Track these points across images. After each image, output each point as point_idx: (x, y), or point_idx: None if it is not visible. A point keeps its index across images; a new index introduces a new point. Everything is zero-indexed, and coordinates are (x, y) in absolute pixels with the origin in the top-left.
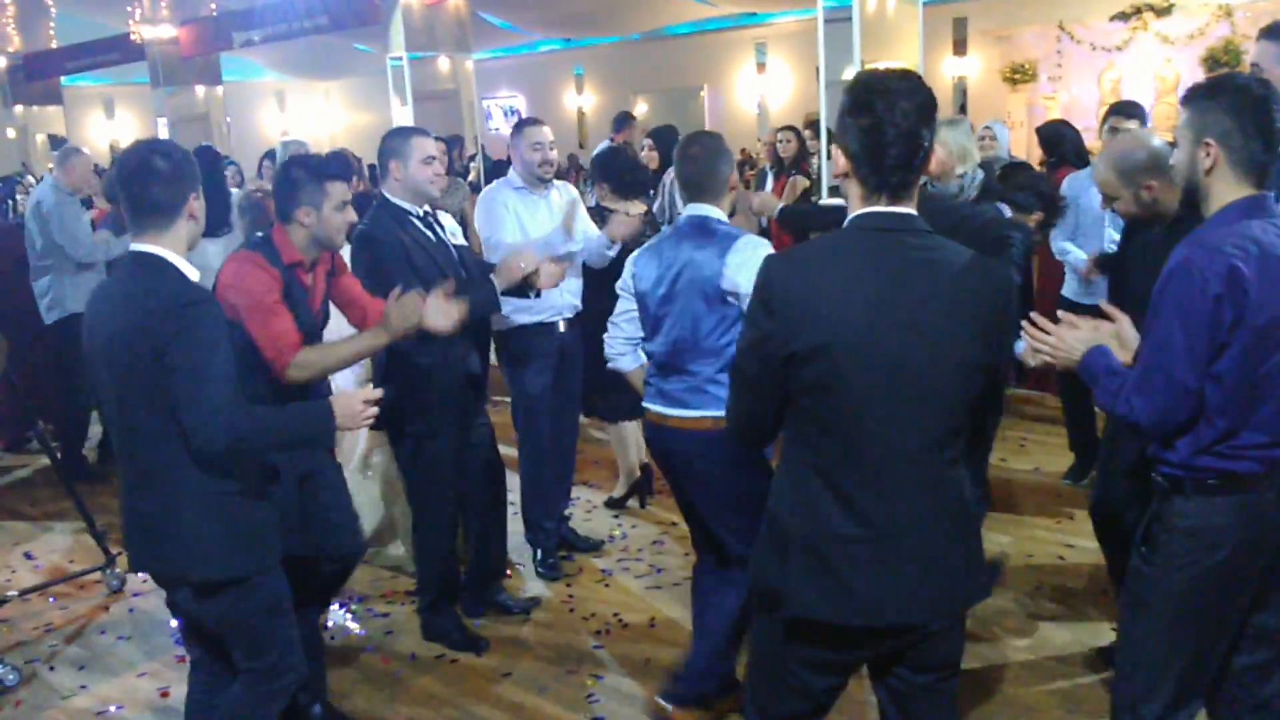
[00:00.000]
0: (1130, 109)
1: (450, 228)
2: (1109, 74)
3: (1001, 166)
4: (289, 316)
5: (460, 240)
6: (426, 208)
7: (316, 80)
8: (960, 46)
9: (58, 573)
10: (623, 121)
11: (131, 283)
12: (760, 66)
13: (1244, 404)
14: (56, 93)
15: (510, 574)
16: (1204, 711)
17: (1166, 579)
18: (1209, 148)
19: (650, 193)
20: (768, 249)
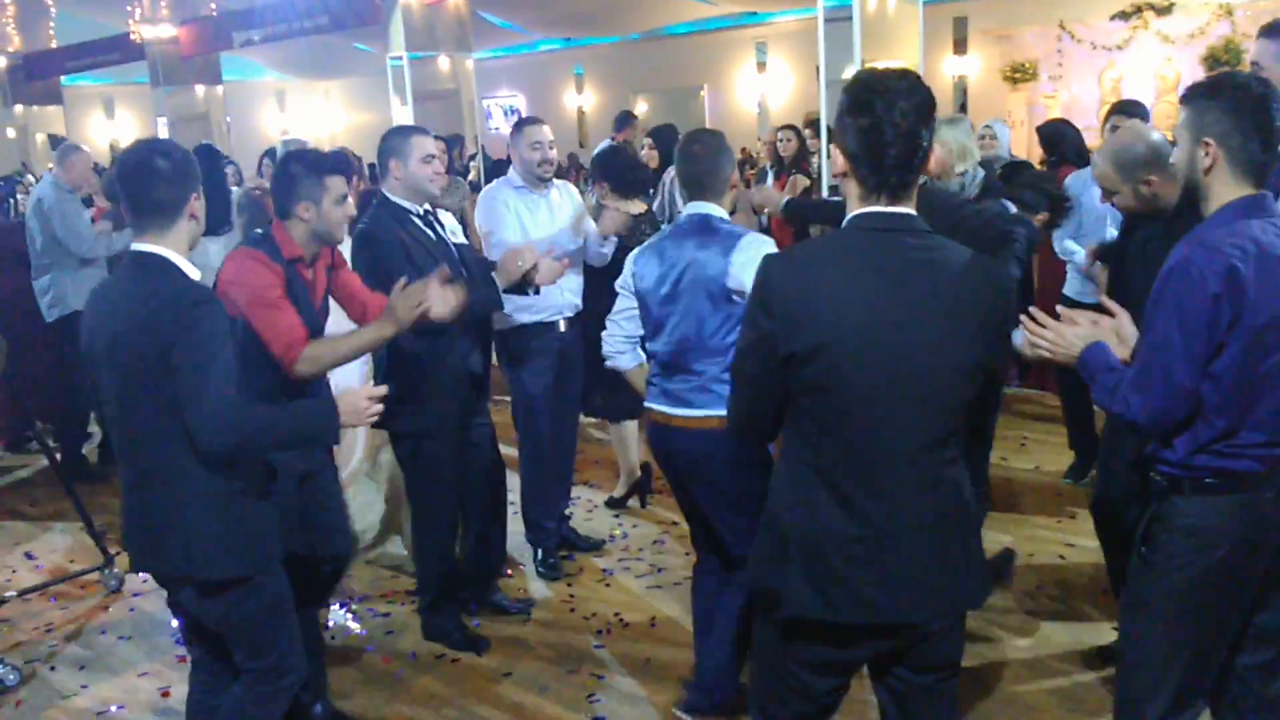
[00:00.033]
0: (1132, 108)
1: (450, 226)
2: (1109, 73)
3: (1002, 165)
4: (293, 311)
5: (460, 238)
6: (427, 206)
7: (317, 80)
8: (961, 46)
9: (58, 573)
10: (624, 120)
11: (133, 283)
12: (760, 66)
13: (1242, 403)
14: (56, 92)
15: (511, 574)
16: (1208, 712)
17: (1166, 578)
18: (1208, 147)
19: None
20: (772, 247)
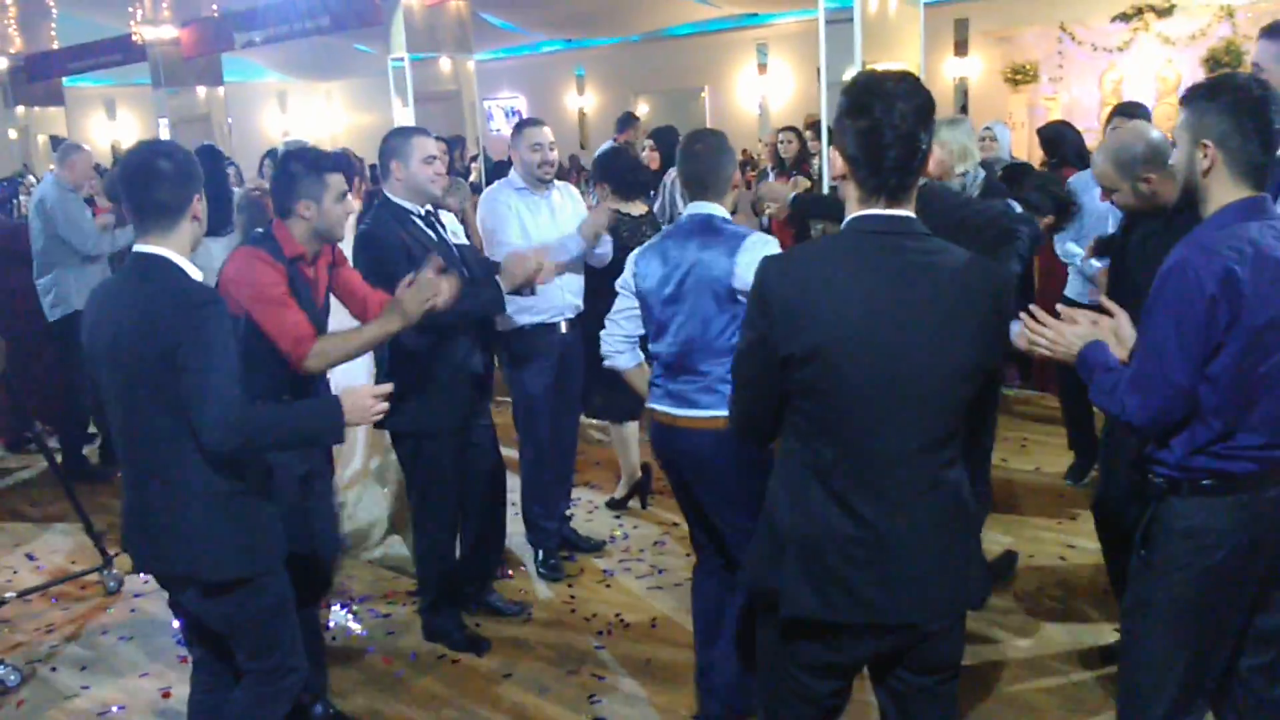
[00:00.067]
0: (1134, 110)
1: (451, 226)
2: (1110, 75)
3: (1003, 167)
4: (298, 308)
5: (461, 239)
6: (428, 207)
7: (318, 81)
8: (961, 47)
9: (59, 574)
10: (626, 121)
11: (137, 284)
12: (761, 67)
13: (1240, 405)
14: (58, 93)
15: (512, 575)
16: (1210, 715)
17: (1166, 579)
18: (1206, 149)
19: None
20: (776, 247)
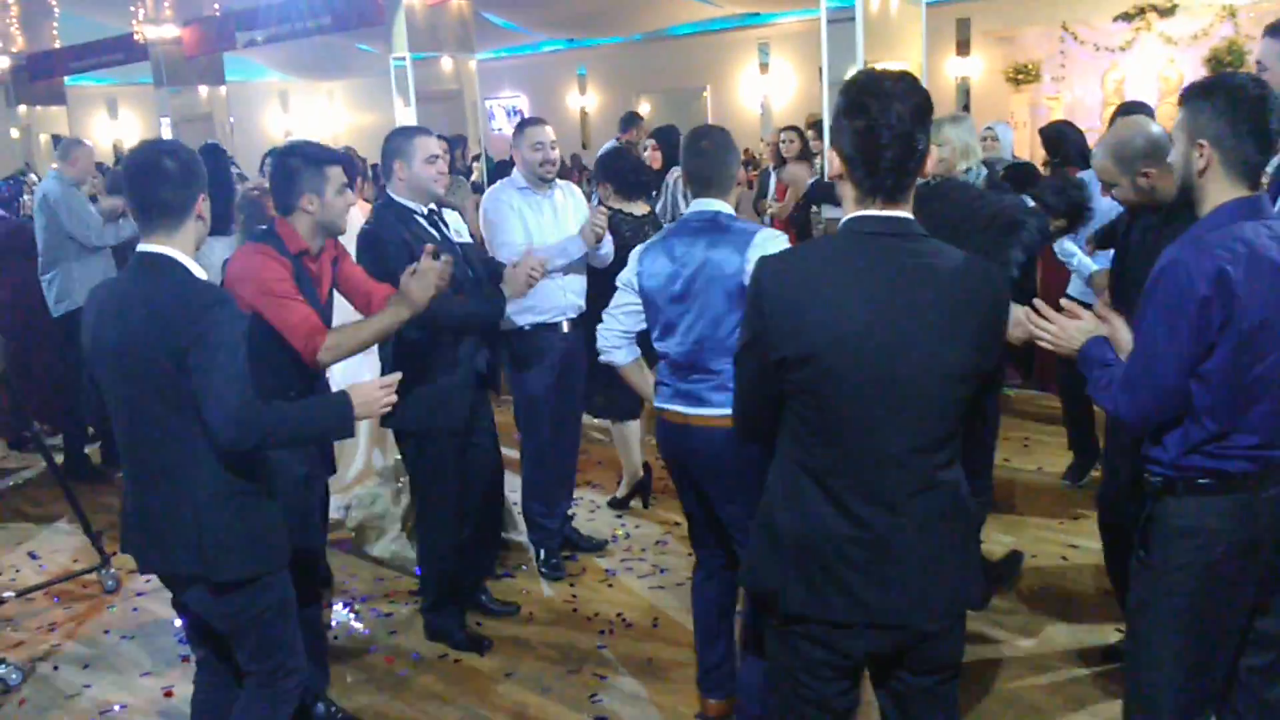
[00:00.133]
0: (1138, 110)
1: (456, 225)
2: (1112, 74)
3: (1005, 167)
4: (306, 303)
5: (465, 238)
6: (432, 206)
7: (320, 80)
8: (963, 47)
9: (62, 573)
10: (630, 121)
11: (142, 284)
12: (763, 67)
13: (1234, 406)
14: (60, 93)
15: (513, 574)
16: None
17: (1165, 579)
18: (1202, 149)
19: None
20: (785, 242)
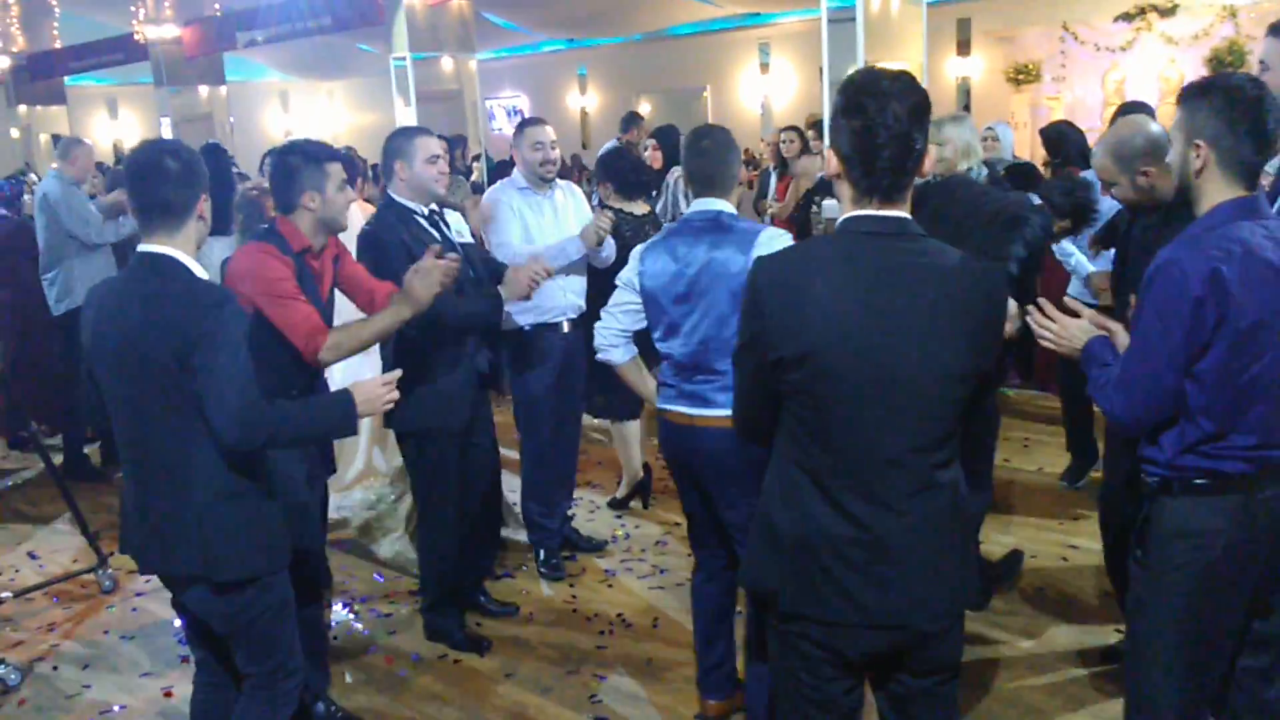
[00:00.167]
0: (1138, 110)
1: (457, 225)
2: (1113, 74)
3: (1005, 167)
4: (308, 301)
5: (467, 238)
6: (433, 206)
7: (320, 80)
8: (964, 47)
9: (62, 573)
10: (630, 121)
11: (144, 284)
12: (764, 67)
13: (1230, 407)
14: (60, 92)
15: (514, 575)
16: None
17: (1162, 580)
18: (1199, 149)
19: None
20: (788, 240)
